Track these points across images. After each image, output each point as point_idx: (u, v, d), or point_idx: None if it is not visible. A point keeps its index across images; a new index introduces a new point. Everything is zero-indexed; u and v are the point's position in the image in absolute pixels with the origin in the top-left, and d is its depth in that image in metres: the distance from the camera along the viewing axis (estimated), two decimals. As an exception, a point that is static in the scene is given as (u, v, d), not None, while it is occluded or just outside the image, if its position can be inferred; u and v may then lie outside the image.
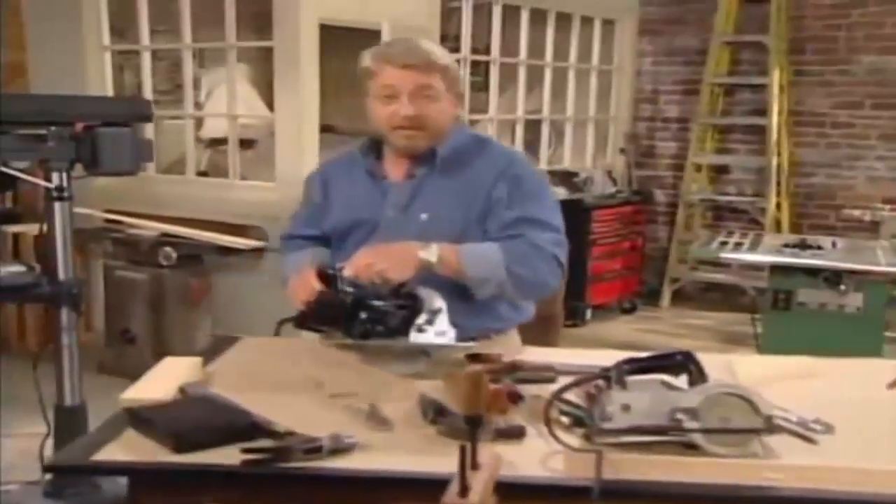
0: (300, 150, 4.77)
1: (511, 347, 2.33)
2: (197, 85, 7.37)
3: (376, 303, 1.89)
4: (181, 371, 1.83)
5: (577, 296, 5.70)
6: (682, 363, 1.55)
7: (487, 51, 6.03)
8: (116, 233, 4.72)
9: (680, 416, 1.45)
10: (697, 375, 1.53)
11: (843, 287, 3.79)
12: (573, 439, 1.51)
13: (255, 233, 4.66)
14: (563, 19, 6.52)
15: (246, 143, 6.39)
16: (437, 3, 5.42)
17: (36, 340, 4.76)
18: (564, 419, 1.58)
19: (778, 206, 6.31)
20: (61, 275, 3.16)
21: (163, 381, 1.76)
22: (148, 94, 5.46)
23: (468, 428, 1.30)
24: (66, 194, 3.12)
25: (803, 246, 3.98)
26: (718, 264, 6.48)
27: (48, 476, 3.09)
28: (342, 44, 4.94)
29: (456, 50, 5.76)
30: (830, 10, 6.39)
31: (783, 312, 3.93)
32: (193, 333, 4.72)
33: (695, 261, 6.42)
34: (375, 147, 2.30)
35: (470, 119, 6.00)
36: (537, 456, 1.49)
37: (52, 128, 3.03)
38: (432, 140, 2.17)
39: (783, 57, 6.33)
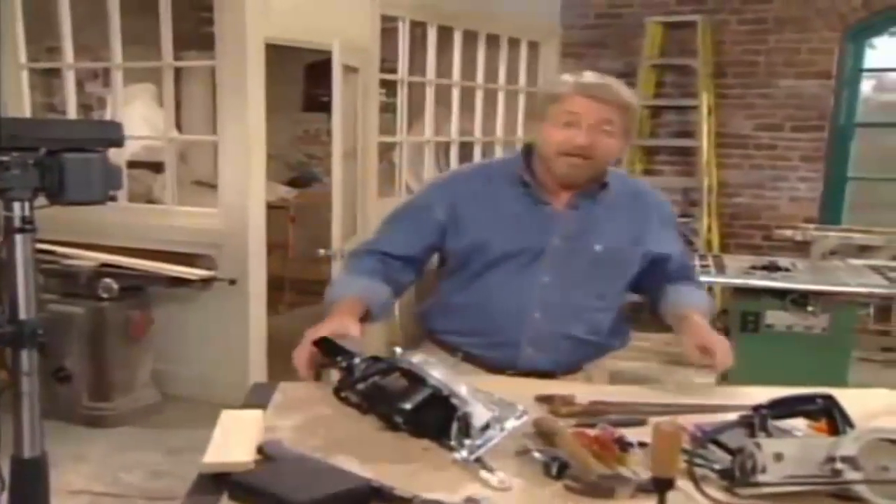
0: (246, 175, 4.56)
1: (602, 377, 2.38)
2: (102, 105, 7.05)
3: (406, 405, 1.64)
4: (248, 427, 1.64)
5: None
6: (824, 407, 1.47)
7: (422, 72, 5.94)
8: (50, 264, 4.38)
9: (840, 465, 1.37)
10: (841, 419, 1.46)
11: (811, 308, 3.82)
12: (714, 492, 1.41)
13: (203, 262, 4.42)
14: (493, 41, 6.50)
15: (156, 167, 6.11)
16: (378, 24, 5.31)
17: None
18: (698, 470, 1.48)
19: (708, 226, 6.41)
20: (23, 314, 2.88)
21: (237, 439, 1.57)
22: (72, 114, 5.15)
23: (657, 492, 1.19)
24: (28, 226, 2.86)
25: (772, 268, 4.01)
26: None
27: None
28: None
29: (393, 70, 5.65)
30: (748, 35, 6.56)
31: (752, 335, 3.94)
32: (135, 370, 4.44)
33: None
34: (530, 170, 2.25)
35: (406, 142, 5.89)
36: (688, 513, 1.38)
37: (15, 153, 2.78)
38: (593, 172, 2.18)
39: (709, 80, 6.46)
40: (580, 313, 2.21)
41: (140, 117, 6.52)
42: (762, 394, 1.63)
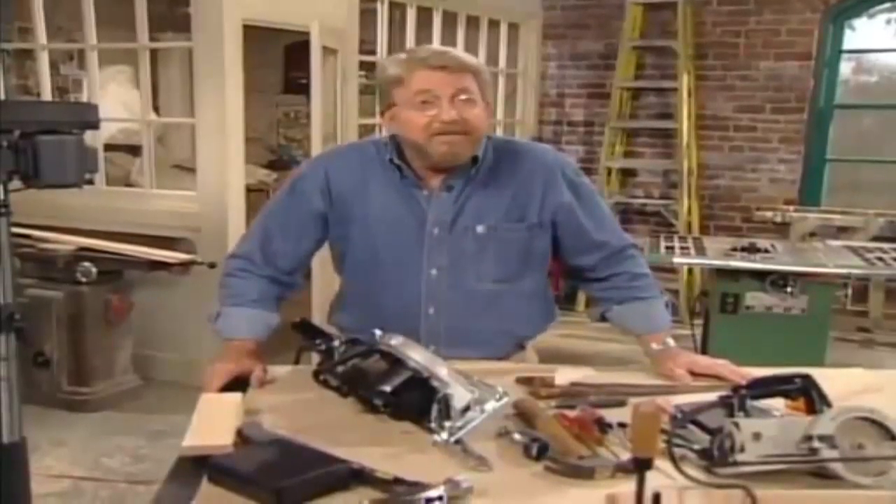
0: (225, 158, 4.53)
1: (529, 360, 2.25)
2: (78, 87, 6.98)
3: (385, 388, 1.62)
4: (227, 410, 1.64)
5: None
6: (802, 387, 1.48)
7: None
8: (27, 248, 4.33)
9: (817, 444, 1.37)
10: (819, 399, 1.47)
11: (790, 289, 3.84)
12: (693, 471, 1.42)
13: (182, 245, 4.40)
14: (473, 23, 6.47)
15: (134, 150, 6.07)
16: (357, 5, 5.27)
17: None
18: (676, 450, 1.49)
19: (688, 208, 6.42)
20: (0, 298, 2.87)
21: (216, 423, 1.57)
22: (46, 96, 5.10)
23: (637, 471, 1.19)
24: (3, 209, 2.83)
25: (752, 249, 4.02)
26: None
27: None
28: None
29: (372, 52, 5.63)
30: (729, 17, 6.56)
31: (731, 316, 3.96)
32: (114, 355, 4.43)
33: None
34: (400, 152, 2.06)
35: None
36: (667, 493, 1.38)
37: (-12, 136, 2.74)
38: (472, 147, 1.99)
39: (689, 62, 6.46)
40: (480, 303, 2.05)
41: (116, 100, 6.47)
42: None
